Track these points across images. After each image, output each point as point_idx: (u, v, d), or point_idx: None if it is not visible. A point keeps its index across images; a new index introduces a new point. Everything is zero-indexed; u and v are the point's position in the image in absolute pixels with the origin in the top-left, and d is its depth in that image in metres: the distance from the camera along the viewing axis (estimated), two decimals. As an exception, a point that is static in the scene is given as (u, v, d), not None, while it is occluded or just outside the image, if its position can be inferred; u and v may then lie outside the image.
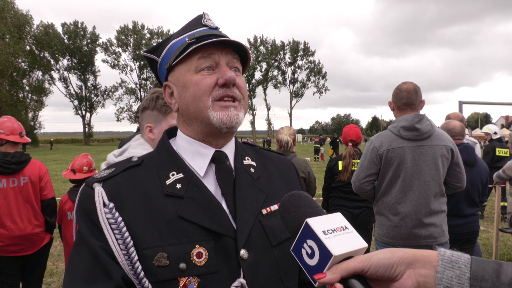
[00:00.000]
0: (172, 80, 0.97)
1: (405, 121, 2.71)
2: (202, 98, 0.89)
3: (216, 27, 0.98)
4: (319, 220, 0.61)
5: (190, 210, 0.85)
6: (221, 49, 0.92)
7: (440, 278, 0.54)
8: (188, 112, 0.92)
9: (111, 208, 0.81)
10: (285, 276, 0.89)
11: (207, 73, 0.90)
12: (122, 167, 0.91)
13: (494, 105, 11.44)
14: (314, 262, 0.58)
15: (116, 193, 0.85)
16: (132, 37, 68.82)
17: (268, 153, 1.13)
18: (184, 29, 0.97)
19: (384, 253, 0.58)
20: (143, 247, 0.80)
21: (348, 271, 0.56)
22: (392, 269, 0.56)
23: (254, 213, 0.90)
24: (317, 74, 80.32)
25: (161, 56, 0.98)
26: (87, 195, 0.85)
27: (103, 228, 0.79)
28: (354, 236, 0.61)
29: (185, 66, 0.92)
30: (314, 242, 0.59)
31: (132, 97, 71.37)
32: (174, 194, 0.86)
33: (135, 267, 0.78)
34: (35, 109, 57.21)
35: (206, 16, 0.98)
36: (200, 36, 0.92)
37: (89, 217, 0.82)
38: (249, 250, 0.85)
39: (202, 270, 0.80)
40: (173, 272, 0.78)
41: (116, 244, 0.78)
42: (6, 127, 3.26)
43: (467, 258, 0.55)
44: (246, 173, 0.97)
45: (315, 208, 0.67)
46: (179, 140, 0.99)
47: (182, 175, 0.90)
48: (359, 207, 3.95)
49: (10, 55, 44.20)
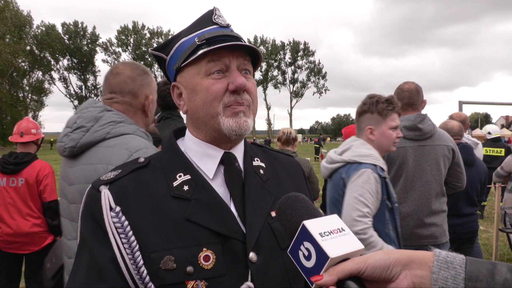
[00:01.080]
0: (181, 81, 0.94)
1: (407, 121, 2.71)
2: (212, 104, 0.87)
3: (227, 25, 0.95)
4: (316, 222, 0.62)
5: (198, 212, 0.83)
6: (231, 52, 0.89)
7: (436, 278, 0.55)
8: (198, 116, 0.91)
9: (118, 212, 0.81)
10: (294, 278, 0.88)
11: (217, 77, 0.88)
12: (128, 169, 0.89)
13: (494, 105, 11.45)
14: (311, 264, 0.59)
15: (122, 196, 0.84)
16: (132, 37, 68.81)
17: (276, 154, 1.11)
18: (194, 26, 0.94)
19: (380, 254, 0.58)
20: (150, 251, 0.79)
21: (345, 273, 0.57)
22: (388, 270, 0.57)
23: (263, 215, 0.89)
24: (317, 74, 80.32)
25: (170, 54, 0.95)
26: (94, 198, 0.84)
27: (109, 232, 0.79)
28: (351, 238, 0.61)
29: (194, 68, 0.90)
30: (311, 244, 0.59)
31: (132, 97, 71.35)
32: (181, 196, 0.85)
33: (140, 272, 0.77)
34: (35, 109, 57.25)
35: (217, 13, 0.94)
36: (210, 37, 0.89)
37: (95, 221, 0.82)
38: (258, 253, 0.84)
39: (210, 273, 0.79)
40: (180, 276, 0.78)
41: (122, 249, 0.78)
42: (14, 129, 3.44)
43: (462, 259, 0.56)
44: (256, 174, 0.96)
45: (312, 210, 0.67)
46: (187, 141, 0.97)
47: (189, 177, 0.88)
48: (358, 207, 3.95)
49: (10, 55, 44.18)
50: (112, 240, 0.78)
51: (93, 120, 1.58)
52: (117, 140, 1.53)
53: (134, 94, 1.68)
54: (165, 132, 2.63)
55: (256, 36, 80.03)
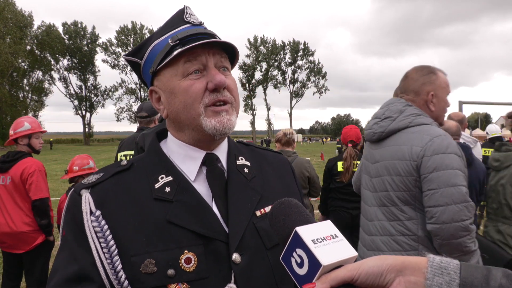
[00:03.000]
0: (158, 85, 0.92)
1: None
2: (193, 106, 0.86)
3: (200, 23, 0.93)
4: (308, 229, 0.60)
5: (179, 214, 0.83)
6: (208, 50, 0.87)
7: (430, 284, 0.54)
8: (179, 119, 0.89)
9: (98, 216, 0.80)
10: (281, 279, 0.87)
11: (195, 77, 0.86)
12: (110, 172, 0.88)
13: (494, 105, 11.42)
14: (304, 271, 0.57)
15: (103, 200, 0.83)
16: (132, 37, 68.79)
17: (263, 152, 1.09)
18: (166, 27, 0.91)
19: (374, 260, 0.57)
20: (131, 254, 0.78)
21: (338, 281, 0.55)
22: (382, 277, 0.56)
23: (248, 215, 0.88)
24: (317, 74, 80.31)
25: (144, 58, 0.92)
26: (75, 202, 0.83)
27: (88, 237, 0.78)
28: (344, 244, 0.60)
29: (171, 70, 0.88)
30: (303, 251, 0.58)
31: (132, 97, 71.38)
32: (163, 198, 0.84)
33: (118, 276, 0.76)
34: (35, 109, 57.21)
35: (188, 11, 0.92)
36: (183, 36, 0.87)
37: (76, 224, 0.81)
38: (242, 254, 0.83)
39: (192, 276, 0.78)
40: (161, 279, 0.77)
41: (101, 253, 0.77)
42: None
43: (456, 264, 0.55)
44: (239, 173, 0.94)
45: (304, 216, 0.65)
46: (169, 143, 0.96)
47: (171, 178, 0.87)
48: (358, 208, 3.93)
49: (10, 55, 44.20)
50: (91, 244, 0.78)
51: (398, 112, 2.02)
52: (419, 128, 1.93)
53: (416, 92, 2.03)
54: (166, 132, 2.62)
55: (256, 36, 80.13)
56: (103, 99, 70.10)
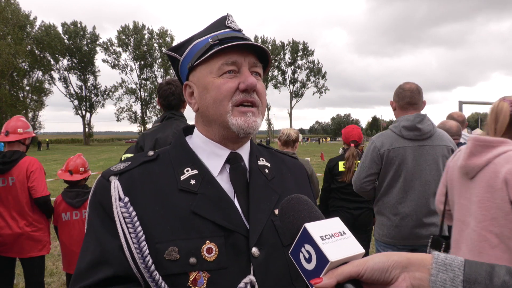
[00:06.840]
0: (193, 80, 0.98)
1: (407, 121, 2.72)
2: (222, 103, 0.90)
3: (240, 29, 1.00)
4: (317, 225, 0.62)
5: (203, 206, 0.86)
6: (244, 53, 0.93)
7: (434, 281, 0.55)
8: (207, 114, 0.94)
9: (126, 202, 0.84)
10: (296, 277, 0.89)
11: (229, 76, 0.91)
12: (138, 161, 0.93)
13: (494, 105, 11.39)
14: (312, 266, 0.59)
15: (131, 187, 0.87)
16: (132, 37, 68.79)
17: (282, 156, 1.15)
18: (208, 29, 0.98)
19: (379, 257, 0.59)
20: (155, 241, 0.82)
21: (344, 276, 0.57)
22: (387, 273, 0.57)
23: (267, 212, 0.92)
24: (316, 73, 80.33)
25: (184, 55, 0.99)
26: (103, 187, 0.87)
27: (117, 222, 0.82)
28: (352, 241, 0.62)
29: (207, 67, 0.93)
30: (311, 247, 0.59)
31: (132, 97, 71.31)
32: (188, 189, 0.88)
33: (146, 261, 0.80)
34: (35, 109, 57.30)
35: (230, 18, 0.99)
36: (223, 38, 0.93)
37: (103, 209, 0.85)
38: (260, 249, 0.86)
39: (212, 265, 0.82)
40: (183, 266, 0.80)
41: (129, 238, 0.81)
42: (3, 127, 3.35)
43: (460, 261, 0.56)
44: (261, 173, 0.99)
45: (314, 213, 0.67)
46: (195, 139, 1.01)
47: (196, 171, 0.92)
48: (359, 208, 3.94)
49: (10, 55, 44.18)
50: (119, 229, 0.82)
51: None
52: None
53: None
54: (167, 132, 2.62)
55: (257, 36, 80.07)
56: (103, 99, 70.10)
